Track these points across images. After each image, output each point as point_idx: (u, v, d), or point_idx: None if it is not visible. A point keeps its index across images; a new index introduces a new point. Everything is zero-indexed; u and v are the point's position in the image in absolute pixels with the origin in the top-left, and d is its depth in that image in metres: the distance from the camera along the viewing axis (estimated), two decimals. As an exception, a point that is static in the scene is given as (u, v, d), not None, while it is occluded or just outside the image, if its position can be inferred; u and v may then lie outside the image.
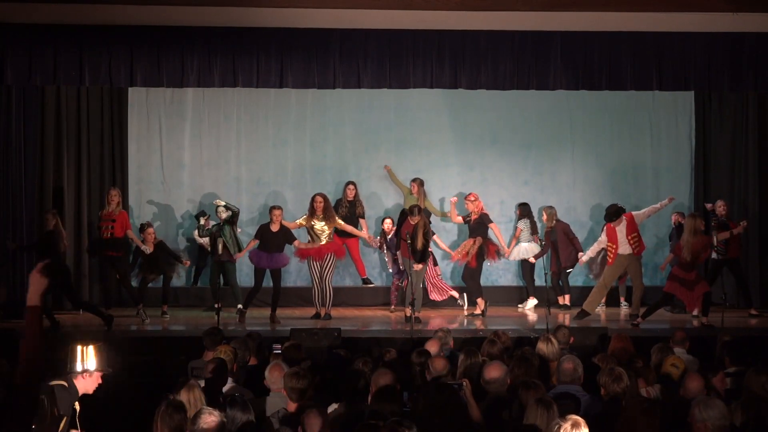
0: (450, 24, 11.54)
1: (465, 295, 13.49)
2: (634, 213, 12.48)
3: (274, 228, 12.27)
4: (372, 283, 14.06)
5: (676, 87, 12.21)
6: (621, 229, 12.17)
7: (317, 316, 12.42)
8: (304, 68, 11.56)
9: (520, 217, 14.07)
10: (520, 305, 14.08)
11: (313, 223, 12.46)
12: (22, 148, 12.41)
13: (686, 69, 11.91)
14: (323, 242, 12.46)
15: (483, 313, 12.85)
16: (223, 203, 12.88)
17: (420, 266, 12.11)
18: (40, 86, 12.37)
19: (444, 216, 14.24)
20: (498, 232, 13.40)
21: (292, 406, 6.08)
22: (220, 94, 14.21)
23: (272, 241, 12.24)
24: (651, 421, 5.27)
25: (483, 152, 14.83)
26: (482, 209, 13.30)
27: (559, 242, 13.67)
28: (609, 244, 12.26)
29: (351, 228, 13.12)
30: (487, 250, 13.24)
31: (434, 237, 13.01)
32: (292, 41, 11.52)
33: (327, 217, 12.45)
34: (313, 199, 12.57)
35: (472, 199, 13.29)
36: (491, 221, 13.28)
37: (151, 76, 11.49)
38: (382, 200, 14.69)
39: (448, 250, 13.77)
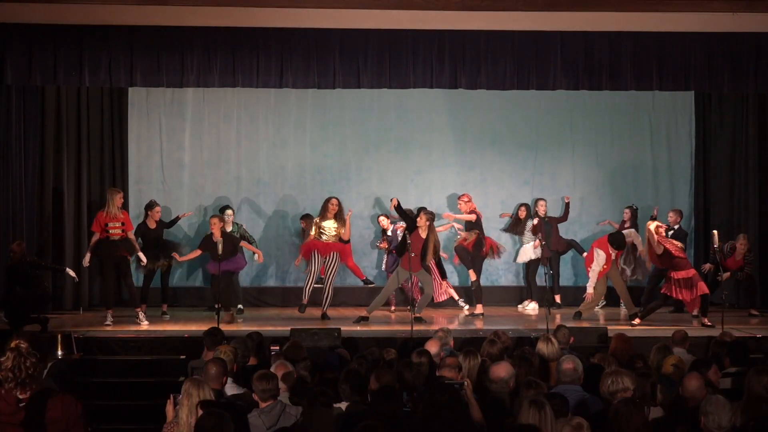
0: (450, 24, 11.54)
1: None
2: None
3: (215, 238, 12.18)
4: (373, 283, 14.03)
5: (676, 87, 12.21)
6: (613, 253, 12.46)
7: (303, 308, 12.35)
8: (304, 68, 11.56)
9: (526, 218, 14.02)
10: (519, 305, 14.07)
11: (322, 222, 12.47)
12: (22, 148, 12.41)
13: (686, 69, 11.91)
14: (330, 241, 12.47)
15: (473, 285, 13.02)
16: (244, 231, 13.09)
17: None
18: (40, 86, 12.36)
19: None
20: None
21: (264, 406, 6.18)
22: (220, 94, 14.21)
23: (215, 250, 12.07)
24: (634, 417, 5.28)
25: (483, 152, 14.84)
26: (474, 209, 13.25)
27: (554, 231, 13.75)
28: (604, 266, 12.47)
29: (348, 233, 12.89)
30: (484, 244, 13.21)
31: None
32: (292, 41, 11.52)
33: (338, 220, 12.46)
34: (328, 201, 12.58)
35: (466, 200, 13.25)
36: (481, 217, 13.26)
37: (151, 76, 11.49)
38: (382, 200, 14.68)
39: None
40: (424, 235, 12.03)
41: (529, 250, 13.92)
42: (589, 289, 12.57)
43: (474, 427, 5.77)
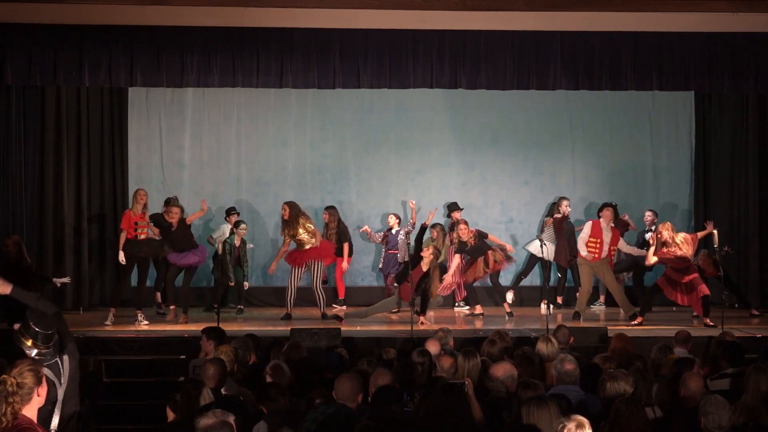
0: (450, 24, 11.54)
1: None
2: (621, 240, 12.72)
3: (174, 225, 12.15)
4: (344, 305, 13.89)
5: (676, 87, 12.21)
6: (606, 232, 12.38)
7: (287, 316, 12.34)
8: (304, 68, 11.56)
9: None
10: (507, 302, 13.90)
11: (287, 232, 12.49)
12: (22, 148, 12.41)
13: (686, 69, 11.91)
14: (307, 248, 12.46)
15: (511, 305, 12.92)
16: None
17: (425, 319, 11.88)
18: (40, 86, 12.36)
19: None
20: (495, 238, 13.34)
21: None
22: (220, 94, 14.21)
23: (176, 240, 12.16)
24: (635, 416, 5.29)
25: (483, 152, 14.83)
26: (475, 233, 13.11)
27: (570, 235, 13.65)
28: (592, 239, 12.37)
29: (319, 237, 12.64)
30: (491, 260, 13.05)
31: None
32: (292, 41, 11.53)
33: (297, 223, 12.38)
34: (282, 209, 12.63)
35: (464, 227, 12.90)
36: (486, 234, 13.15)
37: (151, 76, 11.49)
38: (382, 200, 14.69)
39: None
40: (425, 268, 11.85)
41: (549, 250, 13.70)
42: (582, 252, 12.49)
43: (475, 427, 5.77)
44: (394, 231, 13.64)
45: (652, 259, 11.85)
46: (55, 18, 11.14)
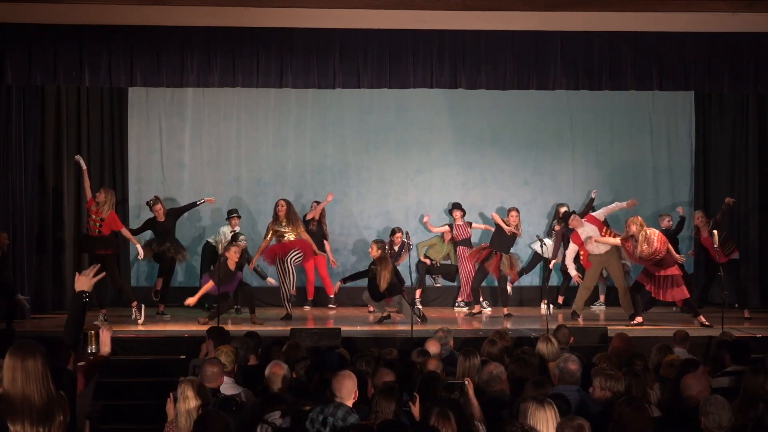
0: (450, 24, 11.54)
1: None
2: (593, 214, 12.71)
3: (233, 266, 12.11)
4: (335, 305, 13.87)
5: (676, 87, 12.21)
6: (588, 230, 12.37)
7: (288, 317, 12.36)
8: (304, 68, 11.56)
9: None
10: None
11: (276, 227, 12.52)
12: (22, 148, 12.40)
13: (686, 69, 11.92)
14: (285, 241, 12.49)
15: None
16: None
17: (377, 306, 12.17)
18: (40, 86, 12.37)
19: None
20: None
21: None
22: (220, 94, 14.22)
23: (230, 276, 12.08)
24: (638, 417, 5.29)
25: (483, 152, 14.84)
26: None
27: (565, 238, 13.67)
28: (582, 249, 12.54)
29: (305, 236, 12.80)
30: (509, 265, 13.06)
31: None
32: (292, 41, 11.53)
33: (291, 222, 12.50)
34: (276, 204, 12.69)
35: (515, 215, 13.06)
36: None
37: (151, 76, 11.49)
38: (382, 200, 14.68)
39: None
40: (376, 258, 12.14)
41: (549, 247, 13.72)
42: (572, 273, 12.60)
43: (475, 427, 5.77)
44: (396, 247, 13.59)
45: (614, 240, 11.93)
46: (55, 18, 11.13)
